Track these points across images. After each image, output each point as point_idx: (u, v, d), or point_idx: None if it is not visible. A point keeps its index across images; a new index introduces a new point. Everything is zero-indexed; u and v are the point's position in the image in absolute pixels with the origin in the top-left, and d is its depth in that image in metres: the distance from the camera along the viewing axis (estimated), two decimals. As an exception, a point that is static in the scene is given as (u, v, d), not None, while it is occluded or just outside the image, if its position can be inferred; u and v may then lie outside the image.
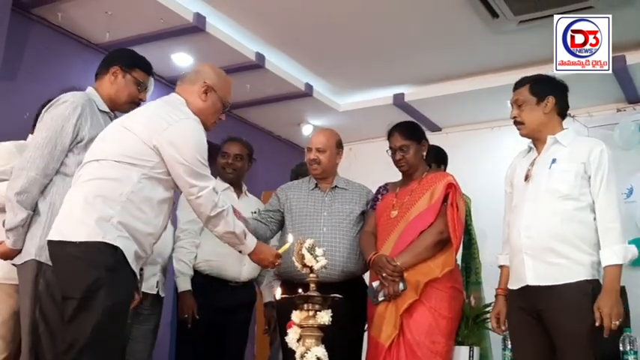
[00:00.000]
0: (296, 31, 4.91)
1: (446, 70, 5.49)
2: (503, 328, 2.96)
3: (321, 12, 4.60)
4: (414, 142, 3.37)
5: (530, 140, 3.01)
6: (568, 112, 3.01)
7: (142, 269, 2.86)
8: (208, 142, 2.63)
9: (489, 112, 5.95)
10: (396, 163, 3.41)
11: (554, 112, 2.91)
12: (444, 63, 5.35)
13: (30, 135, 3.31)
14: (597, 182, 2.72)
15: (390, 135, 3.44)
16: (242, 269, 3.74)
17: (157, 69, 3.59)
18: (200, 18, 4.50)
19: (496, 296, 3.04)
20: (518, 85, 3.00)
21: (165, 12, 4.33)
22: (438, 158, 4.13)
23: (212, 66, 2.87)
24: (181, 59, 4.99)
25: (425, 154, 3.42)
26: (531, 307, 2.76)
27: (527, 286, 2.76)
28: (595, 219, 2.71)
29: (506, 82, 3.10)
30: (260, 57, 5.12)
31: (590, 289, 2.64)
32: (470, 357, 3.21)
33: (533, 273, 2.75)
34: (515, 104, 2.97)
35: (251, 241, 2.78)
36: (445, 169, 4.09)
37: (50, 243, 2.44)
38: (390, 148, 3.41)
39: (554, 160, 2.83)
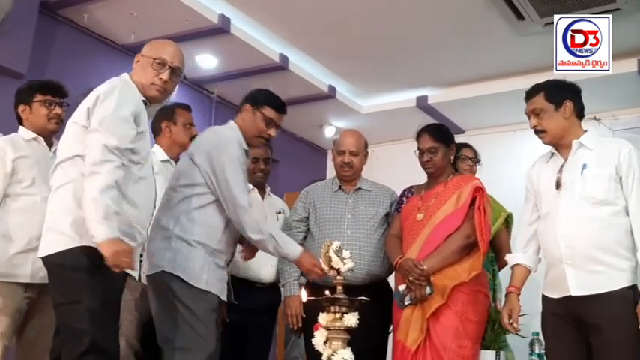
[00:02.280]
0: (320, 32, 4.91)
1: (470, 73, 5.46)
2: (515, 325, 2.92)
3: (345, 14, 4.60)
4: (443, 145, 3.33)
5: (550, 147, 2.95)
6: (594, 115, 2.97)
7: (141, 255, 2.85)
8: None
9: (513, 115, 5.85)
10: (424, 165, 3.37)
11: (574, 116, 2.86)
12: (468, 65, 5.32)
13: (21, 128, 3.27)
14: (629, 183, 2.68)
15: (419, 136, 3.40)
16: (268, 270, 3.75)
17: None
18: (225, 19, 4.52)
19: (507, 294, 2.99)
20: (531, 94, 2.93)
21: (190, 13, 4.36)
22: None
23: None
24: (206, 61, 5.00)
25: (452, 157, 3.39)
26: (570, 315, 2.72)
27: (570, 296, 2.71)
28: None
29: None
30: (284, 58, 5.13)
31: (632, 295, 2.60)
32: (496, 361, 3.18)
33: (576, 282, 2.69)
34: (533, 113, 2.90)
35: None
36: None
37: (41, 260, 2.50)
38: (418, 149, 3.38)
39: (584, 166, 2.77)
